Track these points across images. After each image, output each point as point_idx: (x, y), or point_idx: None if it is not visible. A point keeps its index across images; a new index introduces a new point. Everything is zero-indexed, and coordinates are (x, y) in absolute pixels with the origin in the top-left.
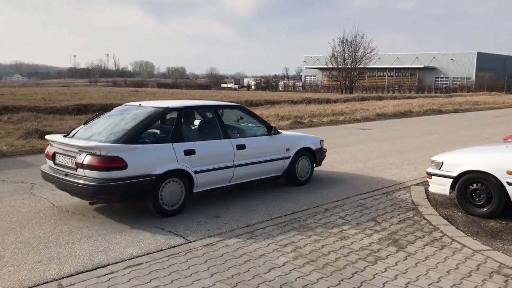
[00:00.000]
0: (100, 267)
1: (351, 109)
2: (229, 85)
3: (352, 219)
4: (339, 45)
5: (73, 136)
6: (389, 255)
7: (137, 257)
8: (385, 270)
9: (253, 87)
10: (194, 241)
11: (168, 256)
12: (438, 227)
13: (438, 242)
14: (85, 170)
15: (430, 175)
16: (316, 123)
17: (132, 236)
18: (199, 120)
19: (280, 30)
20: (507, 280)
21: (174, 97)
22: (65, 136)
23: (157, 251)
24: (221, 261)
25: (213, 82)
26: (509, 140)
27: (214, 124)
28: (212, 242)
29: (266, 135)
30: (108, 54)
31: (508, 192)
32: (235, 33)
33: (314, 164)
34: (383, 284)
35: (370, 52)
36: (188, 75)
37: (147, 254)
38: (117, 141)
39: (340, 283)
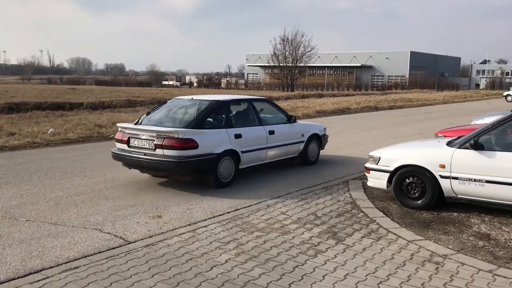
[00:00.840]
0: (34, 273)
1: (293, 106)
2: (171, 83)
3: (294, 214)
4: (280, 43)
5: (141, 123)
6: (328, 248)
7: (74, 260)
8: (325, 263)
9: (195, 84)
10: (134, 241)
11: (107, 258)
12: (374, 219)
13: (375, 234)
14: (164, 150)
15: (368, 169)
16: None
17: (68, 239)
18: (238, 111)
19: (222, 28)
20: (437, 268)
21: (121, 95)
22: (136, 124)
23: (95, 253)
24: (162, 261)
25: (154, 79)
26: (440, 135)
27: (252, 114)
28: (153, 242)
29: (287, 123)
30: (42, 50)
31: (441, 184)
32: (176, 29)
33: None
34: (323, 276)
35: (310, 51)
36: (128, 72)
37: (85, 257)
38: (189, 126)
39: (281, 278)
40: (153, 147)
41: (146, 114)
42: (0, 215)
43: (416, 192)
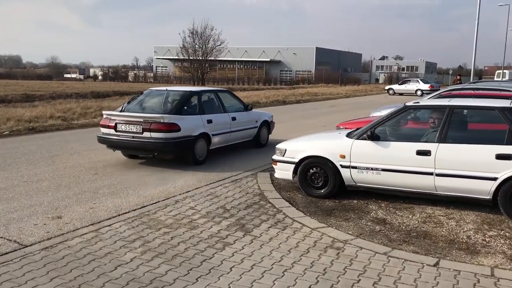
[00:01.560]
0: None
1: None
2: (74, 75)
3: (202, 208)
4: (189, 36)
5: (125, 111)
6: (236, 240)
7: None
8: (233, 255)
9: (100, 77)
10: (31, 245)
11: None
12: (281, 209)
13: (281, 224)
14: (151, 133)
15: (275, 161)
16: None
17: None
18: (207, 100)
19: (130, 19)
20: (338, 253)
21: (17, 89)
22: (121, 111)
23: None
24: (62, 263)
25: (55, 72)
26: (341, 127)
27: (218, 102)
28: (52, 245)
29: (244, 111)
30: None
31: (342, 174)
32: (79, 20)
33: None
34: (230, 268)
35: (220, 45)
36: (25, 64)
37: None
38: (171, 112)
39: (189, 273)
40: (141, 131)
41: (128, 103)
42: None
43: (319, 182)
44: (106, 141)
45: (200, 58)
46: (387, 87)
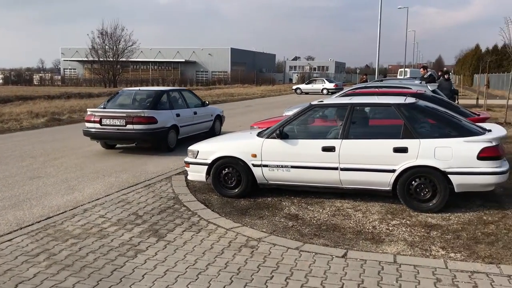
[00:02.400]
0: None
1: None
2: None
3: (113, 216)
4: (98, 37)
5: (108, 108)
6: (149, 246)
7: None
8: (145, 262)
9: (0, 81)
10: None
11: None
12: (196, 212)
13: (196, 226)
14: (134, 125)
15: (188, 163)
16: (77, 119)
17: None
18: (174, 97)
19: (32, 18)
20: (252, 251)
21: None
22: (103, 108)
23: None
24: None
25: None
26: (255, 126)
27: (182, 99)
28: None
29: (202, 106)
30: None
31: (254, 172)
32: None
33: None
34: (143, 276)
35: (132, 45)
36: None
37: None
38: (149, 108)
39: (98, 284)
40: (124, 124)
41: (107, 102)
42: None
43: (233, 182)
44: (91, 134)
45: (111, 59)
46: (294, 87)
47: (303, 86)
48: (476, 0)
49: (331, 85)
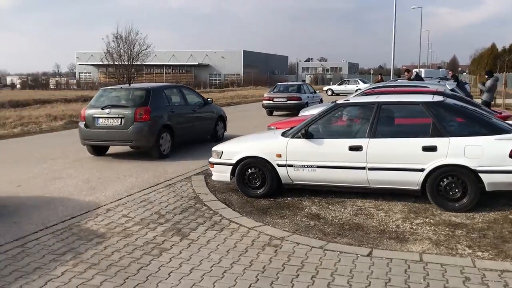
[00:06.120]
0: None
1: None
2: None
3: (136, 215)
4: (113, 41)
5: (105, 107)
6: (173, 245)
7: None
8: (170, 260)
9: (18, 86)
10: None
11: None
12: (217, 211)
13: (218, 225)
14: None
15: (212, 164)
16: None
17: None
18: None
19: (48, 23)
20: (276, 250)
21: None
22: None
23: None
24: None
25: None
26: (272, 127)
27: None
28: None
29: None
30: None
31: (279, 173)
32: None
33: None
34: (169, 274)
35: (146, 49)
36: None
37: None
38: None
39: (125, 282)
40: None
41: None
42: None
43: (257, 182)
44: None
45: (125, 63)
46: (325, 88)
47: (335, 87)
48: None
49: (365, 86)
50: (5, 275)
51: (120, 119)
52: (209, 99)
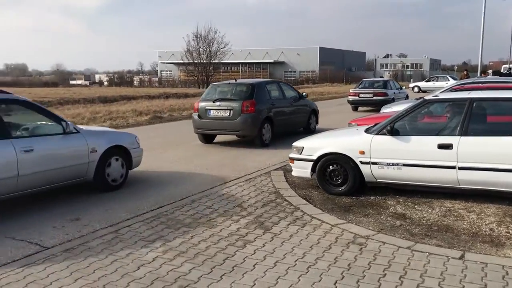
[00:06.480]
0: None
1: None
2: (79, 82)
3: (219, 207)
4: (193, 40)
5: (216, 100)
6: (256, 237)
7: None
8: (254, 252)
9: (106, 83)
10: (52, 247)
11: (22, 266)
12: (298, 207)
13: (300, 221)
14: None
15: (292, 159)
16: (176, 117)
17: None
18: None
19: (132, 24)
20: (361, 248)
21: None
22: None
23: (9, 262)
24: (85, 264)
25: (61, 79)
26: (353, 123)
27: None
28: (73, 246)
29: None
30: None
31: (361, 170)
32: (82, 26)
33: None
34: (253, 266)
35: (224, 47)
36: (31, 72)
37: None
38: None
39: (212, 271)
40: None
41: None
42: None
43: (338, 179)
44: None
45: (204, 61)
46: (411, 85)
47: (422, 84)
48: None
49: (455, 83)
50: (102, 258)
51: (229, 111)
52: (304, 94)
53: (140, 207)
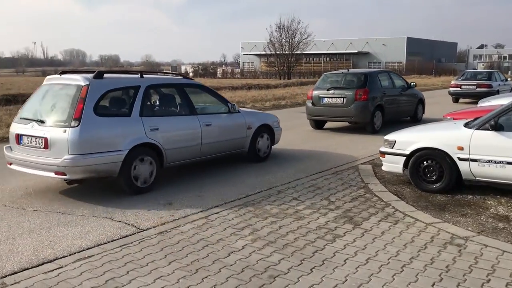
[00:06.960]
0: (47, 262)
1: (292, 93)
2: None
3: (306, 199)
4: (276, 31)
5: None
6: (346, 232)
7: (87, 249)
8: (344, 247)
9: (191, 74)
10: (147, 229)
11: (120, 246)
12: (389, 203)
13: (392, 218)
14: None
15: (383, 154)
16: (259, 107)
17: (79, 228)
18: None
19: (216, 16)
20: (460, 250)
21: None
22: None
23: (108, 241)
24: (178, 248)
25: (149, 69)
26: (448, 117)
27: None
28: (167, 230)
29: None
30: (35, 43)
31: (459, 167)
32: (169, 19)
33: None
34: (344, 261)
35: (307, 38)
36: (123, 63)
37: (98, 245)
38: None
39: (302, 263)
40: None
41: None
42: (7, 206)
43: (433, 176)
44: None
45: (286, 52)
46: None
47: None
48: None
49: None
50: (194, 243)
51: (342, 99)
52: (412, 83)
53: (227, 196)
